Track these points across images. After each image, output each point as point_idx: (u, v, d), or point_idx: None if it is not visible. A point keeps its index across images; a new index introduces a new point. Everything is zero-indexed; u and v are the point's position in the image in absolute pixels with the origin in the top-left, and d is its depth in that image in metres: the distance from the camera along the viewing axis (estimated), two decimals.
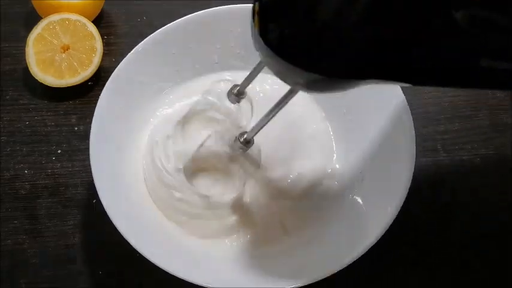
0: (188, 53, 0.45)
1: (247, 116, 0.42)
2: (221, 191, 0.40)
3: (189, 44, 0.44)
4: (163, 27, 0.43)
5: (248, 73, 0.36)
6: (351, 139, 0.43)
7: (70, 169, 0.45)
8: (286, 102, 0.32)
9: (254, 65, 0.46)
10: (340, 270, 0.34)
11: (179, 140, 0.41)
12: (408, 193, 0.36)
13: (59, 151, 0.46)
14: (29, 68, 0.47)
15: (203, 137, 0.40)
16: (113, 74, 0.40)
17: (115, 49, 0.51)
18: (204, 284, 0.33)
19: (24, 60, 0.47)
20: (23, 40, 0.47)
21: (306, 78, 0.26)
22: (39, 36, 0.47)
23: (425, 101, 0.49)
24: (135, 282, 0.40)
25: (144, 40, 0.42)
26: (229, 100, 0.38)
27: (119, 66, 0.41)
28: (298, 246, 0.39)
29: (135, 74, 0.42)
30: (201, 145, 0.40)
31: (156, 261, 0.34)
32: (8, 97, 0.49)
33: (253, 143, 0.37)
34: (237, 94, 0.37)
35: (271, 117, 0.33)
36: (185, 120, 0.42)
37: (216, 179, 0.41)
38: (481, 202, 0.44)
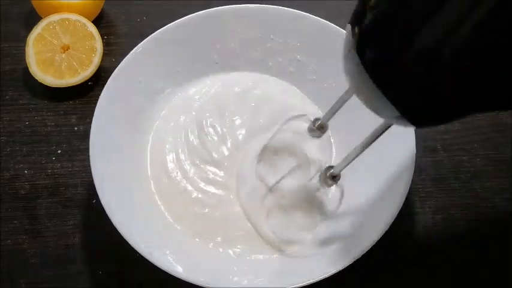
0: (188, 53, 0.45)
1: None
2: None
3: (189, 44, 0.44)
4: (163, 27, 0.43)
5: (330, 106, 0.34)
6: (350, 139, 0.43)
7: (70, 169, 0.45)
8: (379, 137, 0.30)
9: (253, 65, 0.47)
10: (340, 270, 0.34)
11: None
12: (408, 193, 0.36)
13: (59, 151, 0.46)
14: (29, 68, 0.47)
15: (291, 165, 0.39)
16: (113, 74, 0.40)
17: (115, 49, 0.51)
18: (204, 284, 0.33)
19: (24, 60, 0.47)
20: (23, 40, 0.47)
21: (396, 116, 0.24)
22: (39, 36, 0.47)
23: None
24: (135, 282, 0.40)
25: (144, 40, 0.42)
26: (311, 135, 0.37)
27: (119, 66, 0.41)
28: (298, 246, 0.39)
29: (135, 74, 0.42)
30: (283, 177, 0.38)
31: (156, 261, 0.34)
32: (7, 97, 0.49)
33: (339, 178, 0.35)
34: (319, 128, 0.36)
35: (361, 152, 0.32)
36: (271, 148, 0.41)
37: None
38: (481, 202, 0.44)
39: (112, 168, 0.39)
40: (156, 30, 0.43)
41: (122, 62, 0.41)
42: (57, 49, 0.47)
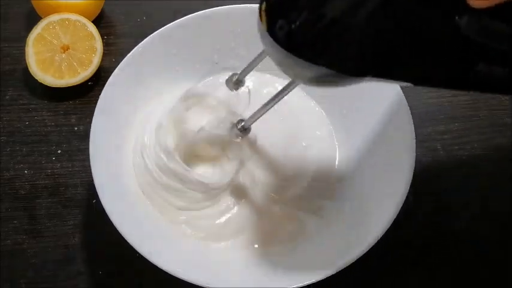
0: (188, 53, 0.44)
1: (244, 103, 0.41)
2: (217, 177, 0.40)
3: (190, 44, 0.44)
4: (163, 27, 0.43)
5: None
6: (350, 140, 0.43)
7: (70, 169, 0.45)
8: (286, 94, 0.32)
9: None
10: (340, 270, 0.34)
11: (179, 119, 0.41)
12: (408, 193, 0.36)
13: (59, 151, 0.46)
14: (29, 68, 0.47)
15: (201, 122, 0.40)
16: (113, 74, 0.40)
17: (115, 49, 0.51)
18: (204, 284, 0.33)
19: (24, 60, 0.47)
20: (23, 40, 0.47)
21: (308, 71, 0.27)
22: (39, 36, 0.47)
23: (425, 101, 0.49)
24: (135, 282, 0.40)
25: (144, 40, 0.42)
26: (228, 87, 0.39)
27: (119, 66, 0.41)
28: (298, 246, 0.39)
29: (135, 74, 0.42)
30: (200, 130, 0.40)
31: (156, 261, 0.34)
32: (7, 97, 0.48)
33: (249, 131, 0.37)
34: (236, 82, 0.38)
35: (270, 107, 0.34)
36: (185, 100, 0.42)
37: (211, 166, 0.41)
38: (481, 202, 0.44)
39: (112, 168, 0.39)
40: (156, 30, 0.43)
41: (122, 62, 0.41)
42: (57, 49, 0.47)
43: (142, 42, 0.42)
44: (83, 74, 0.47)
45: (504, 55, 0.25)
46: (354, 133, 0.43)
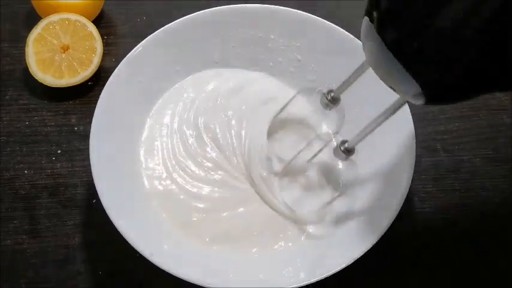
0: (189, 52, 0.45)
1: (338, 123, 0.39)
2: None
3: (190, 43, 0.44)
4: (163, 27, 0.43)
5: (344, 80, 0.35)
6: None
7: (70, 169, 0.45)
8: (393, 113, 0.31)
9: (254, 65, 0.47)
10: (340, 271, 0.34)
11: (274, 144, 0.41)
12: (408, 193, 0.36)
13: (59, 151, 0.46)
14: (29, 68, 0.47)
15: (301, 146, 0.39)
16: (113, 74, 0.40)
17: (115, 49, 0.51)
18: (204, 284, 0.33)
19: (24, 60, 0.47)
20: (23, 40, 0.47)
21: (415, 88, 0.25)
22: (39, 36, 0.47)
23: None
24: (135, 282, 0.40)
25: (144, 40, 0.42)
26: (322, 106, 0.37)
27: (119, 66, 0.41)
28: (298, 247, 0.39)
29: (135, 74, 0.42)
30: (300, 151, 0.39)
31: (156, 261, 0.34)
32: (7, 97, 0.48)
33: (354, 152, 0.35)
34: (331, 100, 0.36)
35: (375, 127, 0.32)
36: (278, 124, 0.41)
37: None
38: (481, 202, 0.44)
39: (112, 168, 0.39)
40: (156, 30, 0.43)
41: (121, 62, 0.41)
42: (57, 49, 0.47)
43: (142, 42, 0.42)
44: (83, 74, 0.47)
45: None
46: (353, 133, 0.42)
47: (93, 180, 0.36)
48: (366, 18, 0.26)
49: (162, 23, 0.43)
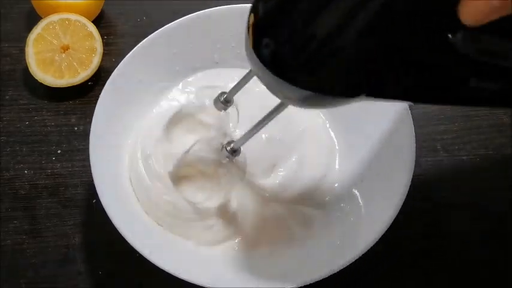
0: (189, 52, 0.44)
1: (233, 123, 0.41)
2: (207, 197, 0.40)
3: (190, 43, 0.44)
4: (163, 27, 0.43)
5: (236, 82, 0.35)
6: (350, 140, 0.43)
7: (70, 169, 0.45)
8: (276, 115, 0.31)
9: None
10: (338, 273, 0.34)
11: (166, 144, 0.40)
12: (408, 194, 0.36)
13: (59, 151, 0.46)
14: (29, 68, 0.47)
15: (190, 142, 0.39)
16: (112, 73, 0.40)
17: (115, 49, 0.51)
18: (204, 284, 0.33)
19: (24, 60, 0.47)
20: (23, 40, 0.47)
21: (298, 95, 0.26)
22: (39, 36, 0.47)
23: None
24: (135, 282, 0.40)
25: (144, 40, 0.42)
26: (216, 107, 0.38)
27: (118, 66, 0.41)
28: (296, 247, 0.39)
29: (135, 73, 0.42)
30: (188, 150, 0.39)
31: (156, 261, 0.34)
32: (7, 97, 0.49)
33: (239, 153, 0.36)
34: (224, 102, 0.37)
35: (260, 129, 0.33)
36: (172, 122, 0.41)
37: (201, 185, 0.40)
38: (481, 202, 0.44)
39: (112, 168, 0.39)
40: (156, 30, 0.43)
41: (121, 62, 0.41)
42: (57, 49, 0.47)
43: (141, 42, 0.42)
44: (83, 74, 0.47)
45: (497, 70, 0.25)
46: (353, 133, 0.43)
47: (93, 180, 0.36)
48: (246, 39, 0.26)
49: (162, 23, 0.43)
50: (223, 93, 0.37)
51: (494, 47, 0.24)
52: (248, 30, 0.25)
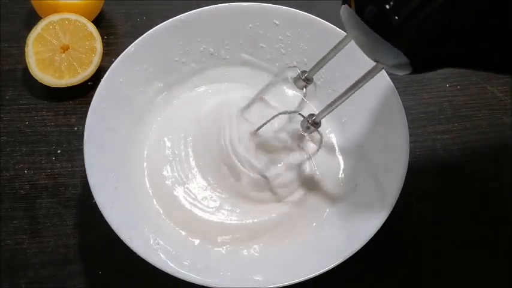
0: (188, 51, 0.45)
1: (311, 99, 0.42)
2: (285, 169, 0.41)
3: (189, 42, 0.44)
4: (162, 23, 0.43)
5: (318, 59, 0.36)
6: (348, 138, 0.43)
7: (70, 169, 0.45)
8: (366, 81, 0.32)
9: (259, 62, 0.46)
10: (337, 270, 0.34)
11: (244, 122, 0.41)
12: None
13: (59, 151, 0.46)
14: (29, 68, 0.47)
15: (269, 117, 0.40)
16: (107, 72, 0.40)
17: (115, 49, 0.51)
18: (204, 284, 0.33)
19: (24, 60, 0.47)
20: (23, 40, 0.47)
21: (397, 55, 0.26)
22: (39, 36, 0.47)
23: (425, 101, 0.49)
24: (135, 282, 0.40)
25: (137, 40, 0.42)
26: (296, 86, 0.38)
27: (112, 65, 0.40)
28: (296, 245, 0.39)
29: (135, 72, 0.42)
30: (266, 122, 0.39)
31: (156, 262, 0.34)
32: (7, 97, 0.48)
33: (320, 125, 0.37)
34: (305, 80, 0.37)
35: (345, 99, 0.34)
36: (249, 104, 0.42)
37: (277, 160, 0.41)
38: (481, 202, 0.44)
39: (109, 168, 0.39)
40: None
41: (114, 62, 0.41)
42: (57, 49, 0.47)
43: (134, 42, 0.42)
44: (83, 74, 0.47)
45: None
46: (349, 131, 0.43)
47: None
48: (344, 6, 0.27)
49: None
50: (304, 71, 0.37)
51: None
52: (349, 3, 0.27)
